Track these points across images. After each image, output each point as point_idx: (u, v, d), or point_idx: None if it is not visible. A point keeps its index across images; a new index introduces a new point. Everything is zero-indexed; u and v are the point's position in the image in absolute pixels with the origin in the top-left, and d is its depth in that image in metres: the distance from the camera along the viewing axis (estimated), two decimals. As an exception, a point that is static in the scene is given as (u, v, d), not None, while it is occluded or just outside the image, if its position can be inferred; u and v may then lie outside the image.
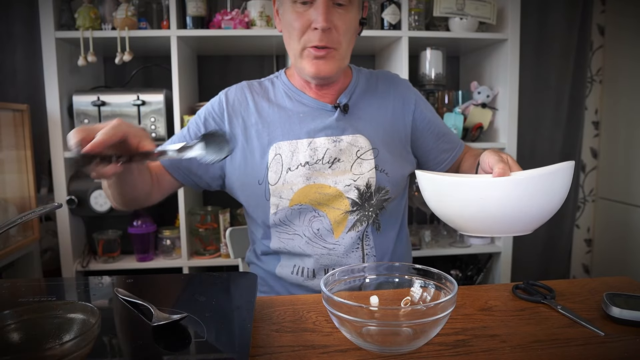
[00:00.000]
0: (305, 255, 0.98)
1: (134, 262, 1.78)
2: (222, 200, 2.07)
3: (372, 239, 0.99)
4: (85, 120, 1.72)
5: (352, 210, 0.97)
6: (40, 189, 1.89)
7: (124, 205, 0.90)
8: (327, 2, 0.88)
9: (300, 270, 0.99)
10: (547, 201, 0.68)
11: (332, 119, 0.98)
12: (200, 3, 1.72)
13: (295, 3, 0.90)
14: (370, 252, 0.99)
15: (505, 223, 0.70)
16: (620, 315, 0.65)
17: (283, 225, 0.98)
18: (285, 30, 0.95)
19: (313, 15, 0.88)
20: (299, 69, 0.97)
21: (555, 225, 2.32)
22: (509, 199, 0.67)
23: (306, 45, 0.91)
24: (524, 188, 0.67)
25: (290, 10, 0.91)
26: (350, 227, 0.97)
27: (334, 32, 0.90)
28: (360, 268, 0.68)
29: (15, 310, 0.48)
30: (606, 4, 2.27)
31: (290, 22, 0.91)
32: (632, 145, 2.12)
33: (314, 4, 0.89)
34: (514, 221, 0.69)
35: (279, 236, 0.99)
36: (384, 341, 0.56)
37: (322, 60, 0.92)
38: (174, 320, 0.56)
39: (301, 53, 0.92)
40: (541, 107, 2.25)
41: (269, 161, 0.96)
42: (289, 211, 0.96)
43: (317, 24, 0.88)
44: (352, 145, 0.98)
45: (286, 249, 0.99)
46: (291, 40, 0.93)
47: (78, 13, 1.65)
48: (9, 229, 0.58)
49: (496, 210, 0.68)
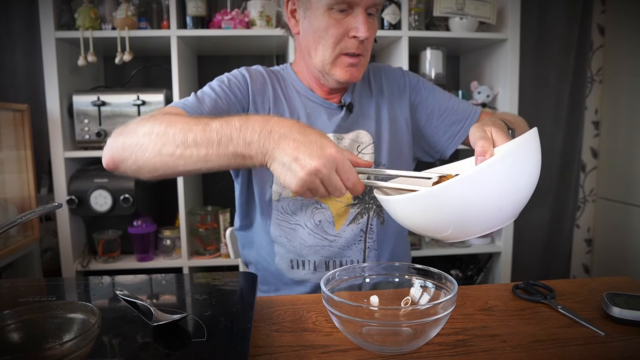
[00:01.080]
0: (306, 247, 0.98)
1: (134, 262, 1.78)
2: (222, 200, 2.08)
3: (375, 233, 1.00)
4: (85, 120, 1.72)
5: (354, 203, 0.99)
6: (40, 189, 1.89)
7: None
8: (365, 12, 0.89)
9: (301, 263, 0.99)
10: (510, 191, 0.58)
11: (338, 117, 1.00)
12: (200, 3, 1.72)
13: (331, 10, 0.89)
14: (372, 246, 1.00)
15: (471, 224, 0.60)
16: (621, 315, 0.65)
17: (285, 214, 0.98)
18: (314, 35, 0.92)
19: (352, 23, 0.89)
20: (324, 75, 0.96)
21: (555, 225, 2.32)
22: (458, 203, 0.57)
23: (341, 52, 0.92)
24: (470, 187, 0.56)
25: (325, 17, 0.90)
26: (352, 220, 0.98)
27: (367, 41, 0.92)
28: (360, 268, 0.68)
29: (15, 310, 0.48)
30: (606, 3, 2.27)
31: (325, 28, 0.90)
32: (632, 145, 2.12)
33: (353, 13, 0.89)
34: (481, 219, 0.59)
35: (279, 224, 0.99)
36: (384, 341, 0.56)
37: (354, 67, 0.93)
38: (174, 320, 0.56)
39: (334, 60, 0.92)
40: (541, 106, 2.25)
41: None
42: (291, 201, 0.97)
43: (358, 33, 0.88)
44: (354, 141, 0.99)
45: (287, 239, 0.98)
46: (321, 46, 0.92)
47: (78, 13, 1.65)
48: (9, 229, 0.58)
49: (450, 216, 0.58)
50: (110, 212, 1.71)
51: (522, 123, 0.99)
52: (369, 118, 1.02)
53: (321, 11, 0.89)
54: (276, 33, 1.71)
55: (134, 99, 1.72)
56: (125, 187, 1.70)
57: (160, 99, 1.74)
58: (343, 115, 1.00)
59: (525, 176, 0.59)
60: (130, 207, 1.70)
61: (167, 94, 1.78)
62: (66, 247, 1.73)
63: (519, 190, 0.59)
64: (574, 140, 2.28)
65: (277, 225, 0.99)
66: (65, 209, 1.71)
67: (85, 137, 1.72)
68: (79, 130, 1.72)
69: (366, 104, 1.03)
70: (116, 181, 1.71)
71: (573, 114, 2.26)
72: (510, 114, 1.05)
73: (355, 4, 0.88)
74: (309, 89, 1.01)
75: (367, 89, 1.06)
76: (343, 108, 1.00)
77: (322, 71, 0.95)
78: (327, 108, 1.01)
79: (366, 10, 0.89)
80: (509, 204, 0.59)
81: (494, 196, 0.57)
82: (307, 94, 1.01)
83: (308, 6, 0.91)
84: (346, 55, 0.92)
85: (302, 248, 0.98)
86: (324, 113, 1.00)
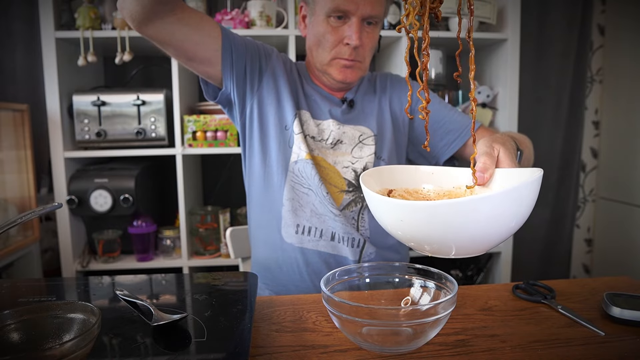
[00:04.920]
0: (316, 215, 1.00)
1: (134, 262, 1.78)
2: (222, 200, 2.08)
3: (367, 221, 1.04)
4: (85, 120, 1.72)
5: (348, 190, 1.03)
6: (40, 189, 1.89)
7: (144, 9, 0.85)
8: (360, 21, 0.96)
9: (307, 229, 1.01)
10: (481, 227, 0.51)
11: (339, 109, 1.07)
12: (200, 3, 1.72)
13: (330, 17, 0.97)
14: (364, 233, 1.03)
15: (448, 245, 0.54)
16: (621, 315, 0.65)
17: (300, 177, 1.02)
18: (315, 39, 1.02)
19: (347, 31, 0.97)
20: (323, 73, 1.05)
21: (555, 225, 2.32)
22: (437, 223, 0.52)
23: (336, 57, 1.00)
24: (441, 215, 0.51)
25: (323, 23, 0.98)
26: (345, 206, 1.03)
27: (361, 48, 0.99)
28: (360, 268, 0.68)
29: (15, 310, 0.48)
30: (606, 4, 2.27)
31: (323, 34, 0.99)
32: (632, 145, 2.12)
33: (349, 22, 0.97)
34: (466, 243, 0.54)
35: (294, 186, 1.02)
36: (384, 341, 0.56)
37: (349, 69, 1.01)
38: (174, 320, 0.56)
39: (330, 62, 1.01)
40: (541, 106, 2.25)
41: (296, 112, 1.03)
42: (307, 163, 1.00)
43: (350, 41, 0.96)
44: (357, 130, 1.06)
45: (299, 203, 1.01)
46: (320, 49, 1.01)
47: (78, 13, 1.65)
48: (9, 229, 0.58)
49: (429, 233, 0.54)
50: (110, 212, 1.71)
51: (528, 143, 0.98)
52: (371, 116, 1.08)
53: (321, 18, 0.98)
54: (276, 33, 1.71)
55: (134, 99, 1.72)
56: (125, 187, 1.71)
57: (160, 99, 1.74)
58: (344, 109, 1.07)
59: (521, 215, 0.53)
60: (130, 207, 1.70)
61: (167, 94, 1.78)
62: (66, 247, 1.73)
63: (510, 226, 0.53)
64: (574, 140, 2.28)
65: (291, 186, 1.02)
66: (65, 209, 1.71)
67: (85, 137, 1.72)
68: (79, 130, 1.72)
69: (369, 103, 1.10)
70: (116, 181, 1.71)
71: (573, 114, 2.26)
72: (517, 133, 1.04)
73: (351, 14, 0.95)
74: (314, 83, 1.10)
75: (372, 90, 1.12)
76: (344, 102, 1.08)
77: (320, 70, 1.05)
78: (330, 99, 1.08)
79: (363, 19, 0.97)
80: (492, 237, 0.53)
81: (483, 226, 0.51)
82: (314, 86, 1.09)
83: (313, 13, 1.01)
84: (342, 59, 1.00)
85: (312, 215, 1.01)
86: (325, 101, 1.07)
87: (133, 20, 0.85)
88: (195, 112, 1.86)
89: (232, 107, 1.06)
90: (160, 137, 1.75)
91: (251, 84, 1.02)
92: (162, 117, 1.74)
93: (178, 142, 1.75)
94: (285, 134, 1.03)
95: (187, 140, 1.75)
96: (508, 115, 1.85)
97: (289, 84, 1.04)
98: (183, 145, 1.75)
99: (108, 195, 1.70)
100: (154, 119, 1.74)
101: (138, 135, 1.73)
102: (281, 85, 1.04)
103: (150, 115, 1.74)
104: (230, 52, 0.96)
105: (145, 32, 0.88)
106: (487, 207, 0.50)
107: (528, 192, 0.51)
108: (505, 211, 0.50)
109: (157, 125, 1.74)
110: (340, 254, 1.01)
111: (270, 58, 1.05)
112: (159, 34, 0.89)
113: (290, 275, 1.03)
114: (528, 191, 0.51)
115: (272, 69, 1.04)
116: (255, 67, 1.02)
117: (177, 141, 1.74)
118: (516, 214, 0.51)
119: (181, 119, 1.74)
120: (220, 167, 2.15)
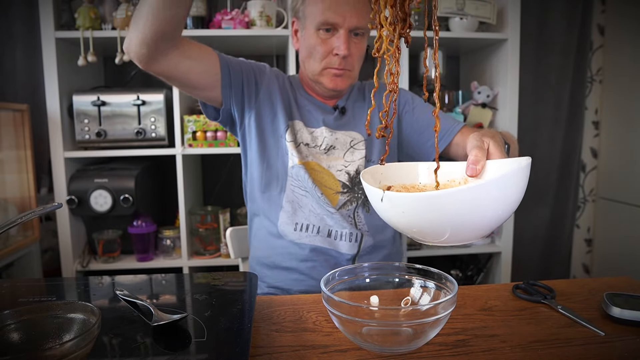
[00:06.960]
0: (314, 214, 1.06)
1: (134, 262, 1.78)
2: (222, 200, 2.08)
3: (362, 218, 1.09)
4: (85, 120, 1.72)
5: (343, 191, 1.09)
6: (40, 189, 1.89)
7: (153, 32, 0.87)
8: (347, 33, 1.02)
9: (305, 227, 1.06)
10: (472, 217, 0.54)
11: (331, 116, 1.13)
12: (200, 3, 1.72)
13: (319, 30, 1.03)
14: (362, 228, 1.08)
15: (442, 232, 0.57)
16: (621, 315, 0.65)
17: (297, 180, 1.07)
18: (306, 51, 1.08)
19: (335, 43, 1.03)
20: (316, 83, 1.10)
21: (555, 225, 2.32)
22: (435, 213, 0.54)
23: (327, 67, 1.06)
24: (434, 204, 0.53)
25: (313, 36, 1.05)
26: (341, 206, 1.08)
27: (350, 57, 1.05)
28: (360, 268, 0.68)
29: (15, 310, 0.48)
30: (606, 4, 2.27)
31: (314, 46, 1.05)
32: (632, 145, 2.12)
33: (337, 34, 1.03)
34: (461, 229, 0.57)
35: (293, 190, 1.08)
36: (384, 341, 0.56)
37: (339, 77, 1.07)
38: (174, 320, 0.56)
39: (321, 72, 1.07)
40: (541, 106, 2.25)
41: (288, 123, 1.10)
42: (300, 168, 1.06)
43: (339, 51, 1.02)
44: (348, 136, 1.12)
45: (299, 204, 1.07)
46: (312, 60, 1.07)
47: (78, 13, 1.65)
48: (9, 229, 0.58)
49: (426, 223, 0.56)
50: (110, 212, 1.71)
51: (513, 139, 1.07)
52: (361, 121, 1.14)
53: (312, 31, 1.05)
54: (276, 33, 1.71)
55: (134, 99, 1.72)
56: (125, 187, 1.71)
57: (160, 99, 1.74)
58: (336, 115, 1.13)
59: (514, 200, 0.55)
60: (130, 207, 1.70)
61: (167, 94, 1.78)
62: (66, 247, 1.73)
63: (503, 212, 0.56)
64: (574, 140, 2.28)
65: (291, 190, 1.08)
66: (65, 209, 1.71)
67: (85, 137, 1.72)
68: (79, 130, 1.72)
69: (359, 110, 1.15)
70: (116, 181, 1.71)
71: (573, 114, 2.26)
72: (502, 130, 1.12)
73: (339, 26, 1.02)
74: (307, 93, 1.16)
75: (362, 98, 1.18)
76: (336, 110, 1.13)
77: (312, 80, 1.11)
78: (321, 108, 1.14)
79: (350, 31, 1.03)
80: (487, 223, 0.56)
81: (479, 211, 0.54)
82: (306, 96, 1.15)
83: (304, 27, 1.08)
84: (332, 68, 1.05)
85: (310, 214, 1.06)
86: (318, 110, 1.13)
87: (140, 61, 0.92)
88: (195, 112, 1.86)
89: (234, 124, 1.12)
90: (160, 137, 1.75)
91: (249, 98, 1.09)
92: (162, 117, 1.74)
93: (178, 142, 1.75)
94: (281, 142, 1.09)
95: (187, 140, 1.75)
96: (508, 115, 1.85)
97: (282, 96, 1.11)
98: (183, 145, 1.75)
99: (108, 195, 1.70)
100: (154, 119, 1.74)
101: (138, 135, 1.73)
102: (275, 98, 1.11)
103: (150, 115, 1.74)
104: (228, 73, 1.04)
105: (153, 70, 0.94)
106: (482, 194, 0.53)
107: (520, 178, 0.55)
108: (500, 197, 0.54)
109: (157, 125, 1.74)
110: (336, 248, 1.06)
111: (263, 74, 1.12)
112: (165, 70, 0.95)
113: (287, 269, 1.07)
114: (519, 177, 0.55)
115: (266, 84, 1.11)
116: (251, 83, 1.09)
117: (177, 141, 1.75)
118: (510, 199, 0.55)
119: (181, 119, 1.74)
120: (220, 167, 2.15)
